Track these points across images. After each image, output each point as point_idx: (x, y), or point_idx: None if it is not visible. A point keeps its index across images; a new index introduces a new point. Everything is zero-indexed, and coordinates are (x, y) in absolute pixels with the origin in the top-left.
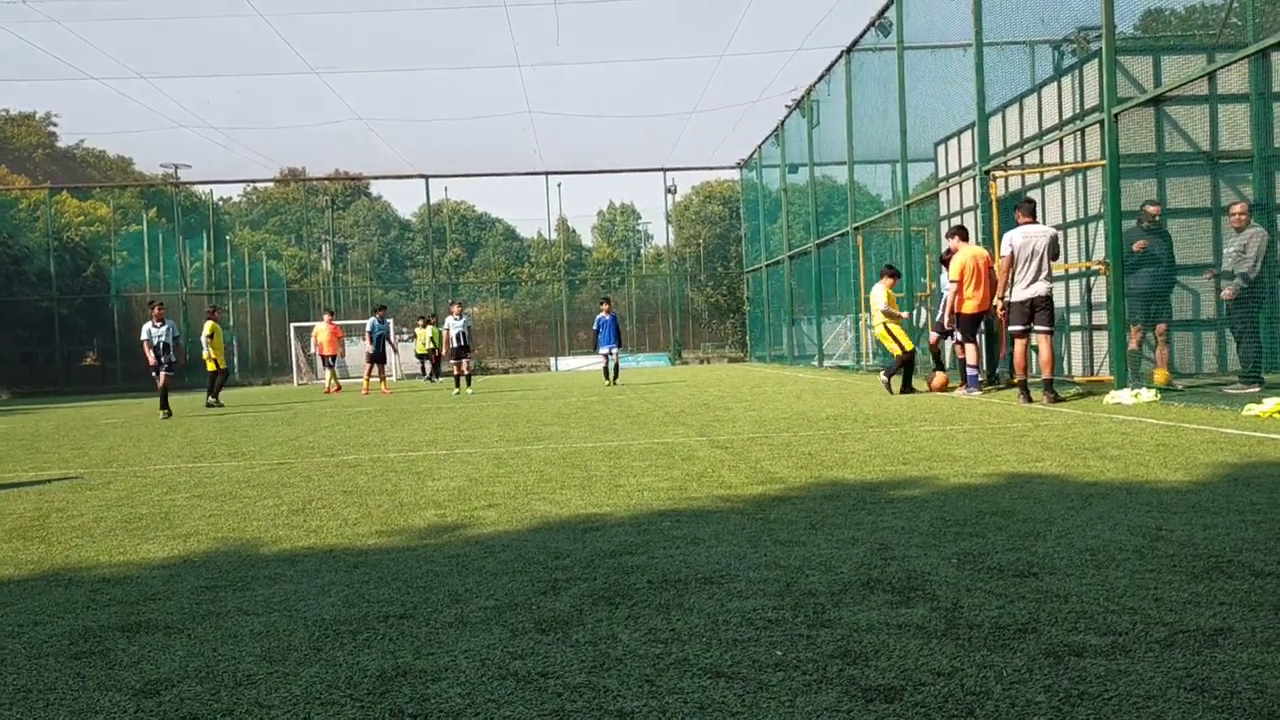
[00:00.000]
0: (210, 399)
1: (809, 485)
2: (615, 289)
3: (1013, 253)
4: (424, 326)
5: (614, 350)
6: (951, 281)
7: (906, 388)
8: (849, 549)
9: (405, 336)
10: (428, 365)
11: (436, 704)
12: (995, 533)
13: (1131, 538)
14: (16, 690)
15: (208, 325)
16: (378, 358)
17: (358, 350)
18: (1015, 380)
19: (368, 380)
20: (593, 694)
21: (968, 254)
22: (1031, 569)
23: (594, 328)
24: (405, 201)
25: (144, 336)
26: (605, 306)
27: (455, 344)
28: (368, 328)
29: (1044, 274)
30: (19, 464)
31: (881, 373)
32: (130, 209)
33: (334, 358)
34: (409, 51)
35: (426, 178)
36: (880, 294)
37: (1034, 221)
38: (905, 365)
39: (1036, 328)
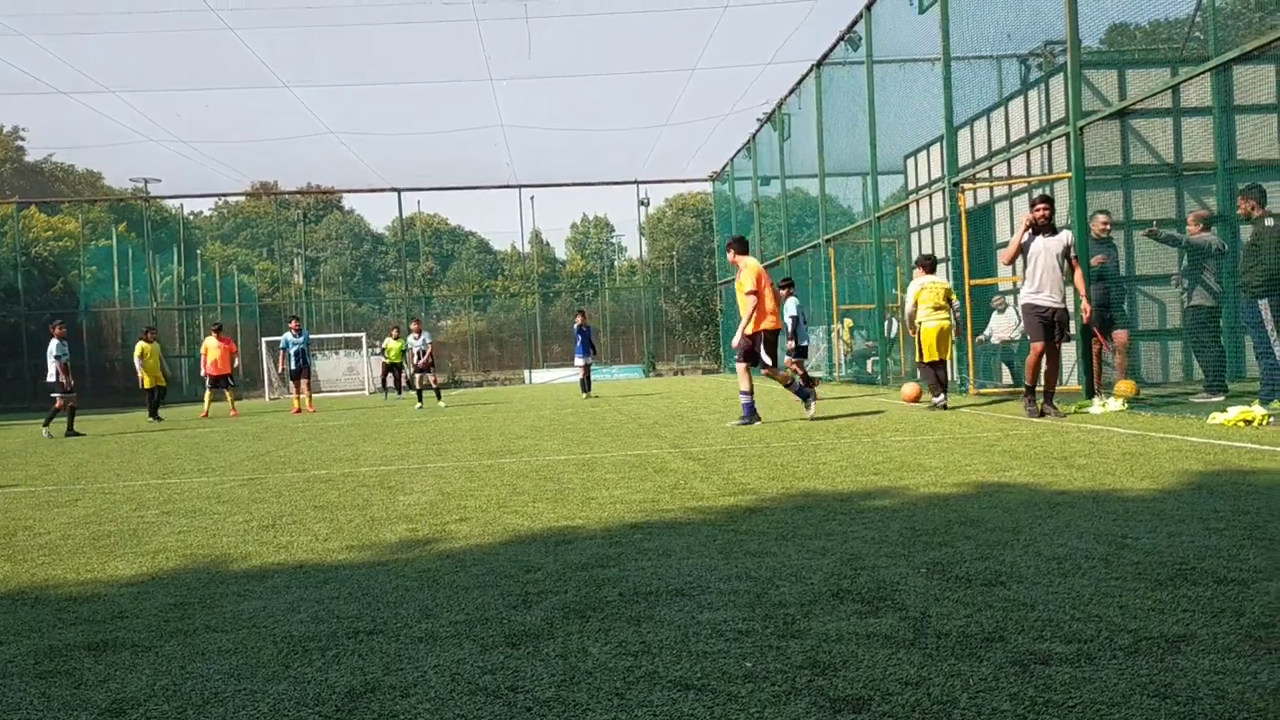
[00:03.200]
0: (150, 416)
1: (780, 496)
2: (589, 301)
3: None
4: (395, 339)
5: (587, 361)
6: (749, 294)
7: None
8: (819, 559)
9: (376, 350)
10: (390, 379)
11: None
12: (964, 542)
13: (1098, 546)
14: None
15: (138, 347)
16: (299, 374)
17: (331, 365)
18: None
19: (298, 398)
20: (562, 708)
21: (754, 266)
22: (999, 578)
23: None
24: (378, 215)
25: (55, 353)
26: (580, 317)
27: (416, 360)
28: (281, 343)
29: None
30: None
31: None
32: (99, 224)
33: (228, 377)
34: (381, 65)
35: (399, 191)
36: (910, 295)
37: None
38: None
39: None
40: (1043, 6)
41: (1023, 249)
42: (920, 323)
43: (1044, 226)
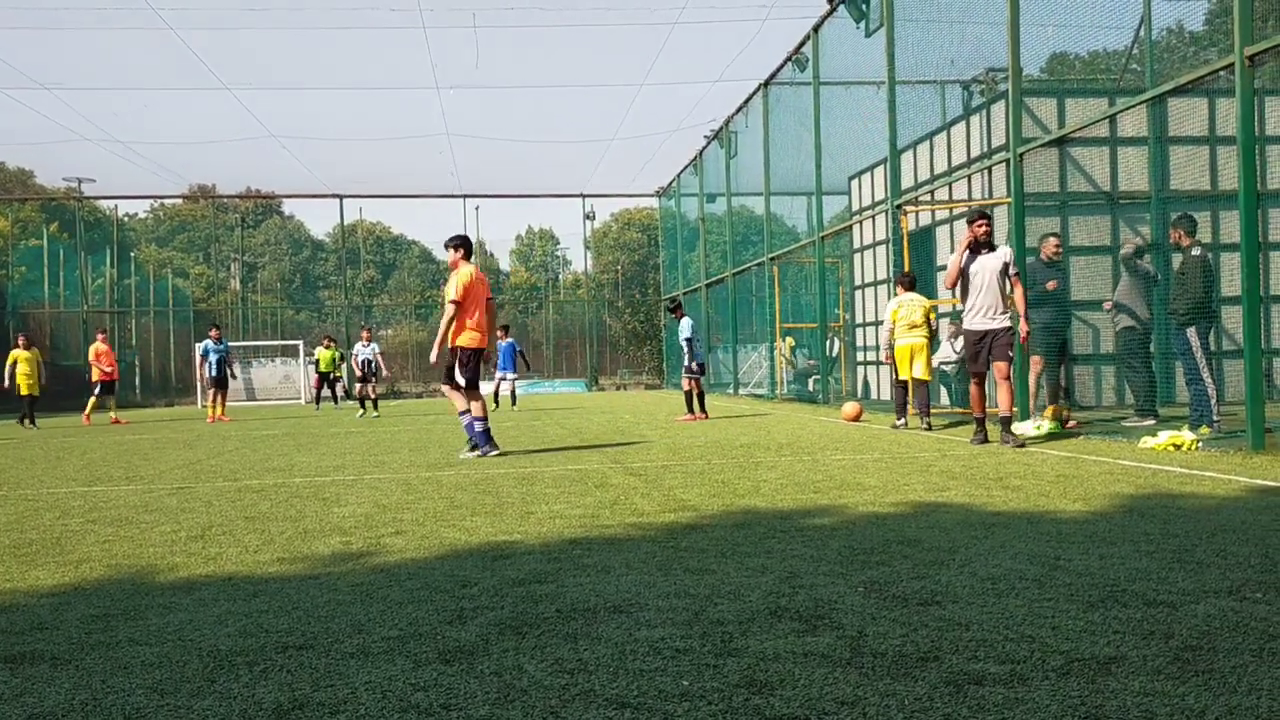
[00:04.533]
0: (19, 422)
1: (721, 513)
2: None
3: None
4: (326, 347)
5: (510, 376)
6: (452, 302)
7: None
8: (758, 577)
9: (311, 359)
10: (325, 389)
11: None
12: (901, 561)
13: (1031, 566)
14: None
15: (11, 355)
16: (220, 382)
17: (267, 373)
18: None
19: (213, 408)
20: None
21: (468, 274)
22: (935, 597)
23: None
24: (319, 221)
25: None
26: (503, 333)
27: (361, 370)
28: (200, 351)
29: (995, 307)
30: None
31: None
32: (30, 223)
33: (112, 383)
34: (325, 69)
35: (341, 197)
36: (887, 314)
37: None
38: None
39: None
40: (985, 34)
41: (963, 271)
42: (894, 342)
43: (984, 243)
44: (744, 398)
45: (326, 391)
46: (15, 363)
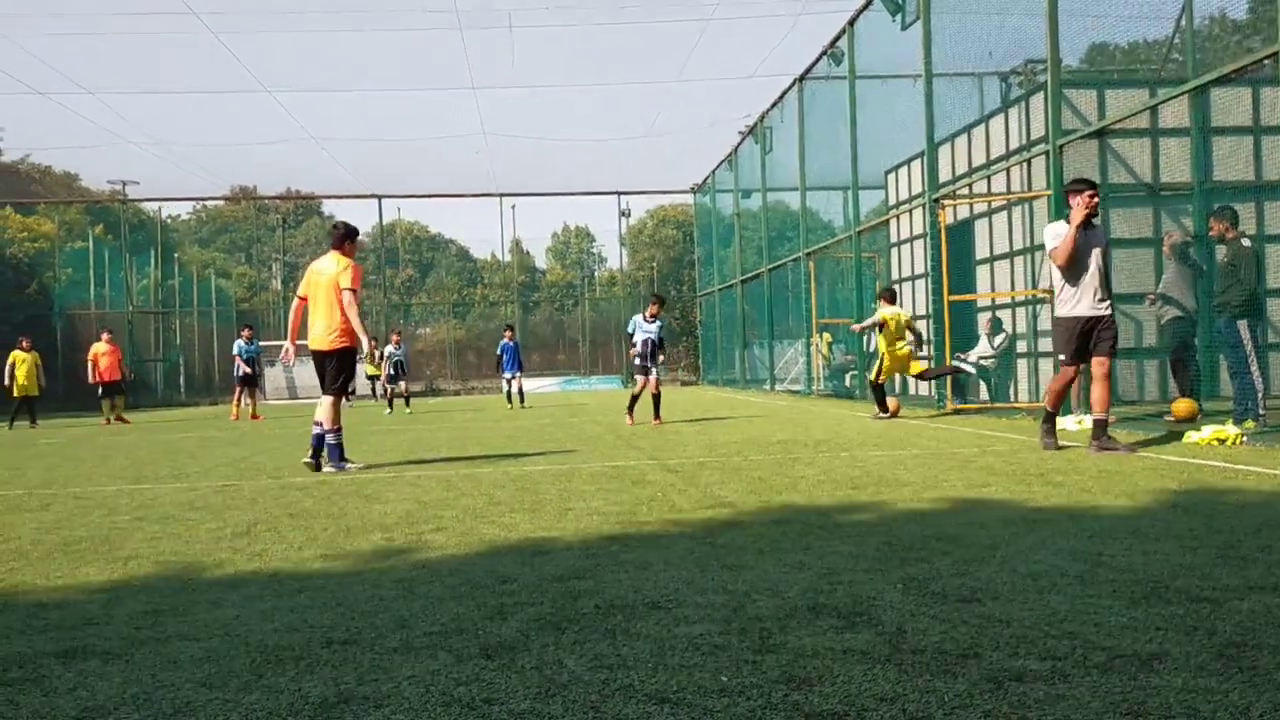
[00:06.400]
0: (8, 425)
1: (758, 510)
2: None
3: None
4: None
5: (516, 375)
6: (343, 287)
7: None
8: (797, 574)
9: (359, 357)
10: (378, 386)
11: None
12: (941, 558)
13: (1073, 563)
14: None
15: (11, 356)
16: (250, 380)
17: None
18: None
19: (237, 406)
20: None
21: (331, 265)
22: (975, 594)
23: (498, 353)
24: (358, 221)
25: None
26: (509, 333)
27: (391, 371)
28: (234, 350)
29: (1096, 292)
30: None
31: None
32: (76, 225)
33: (119, 383)
34: (363, 71)
35: (379, 198)
36: (877, 316)
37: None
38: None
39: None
40: (1024, 25)
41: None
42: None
43: (1091, 218)
44: (780, 394)
45: (379, 389)
46: (14, 364)
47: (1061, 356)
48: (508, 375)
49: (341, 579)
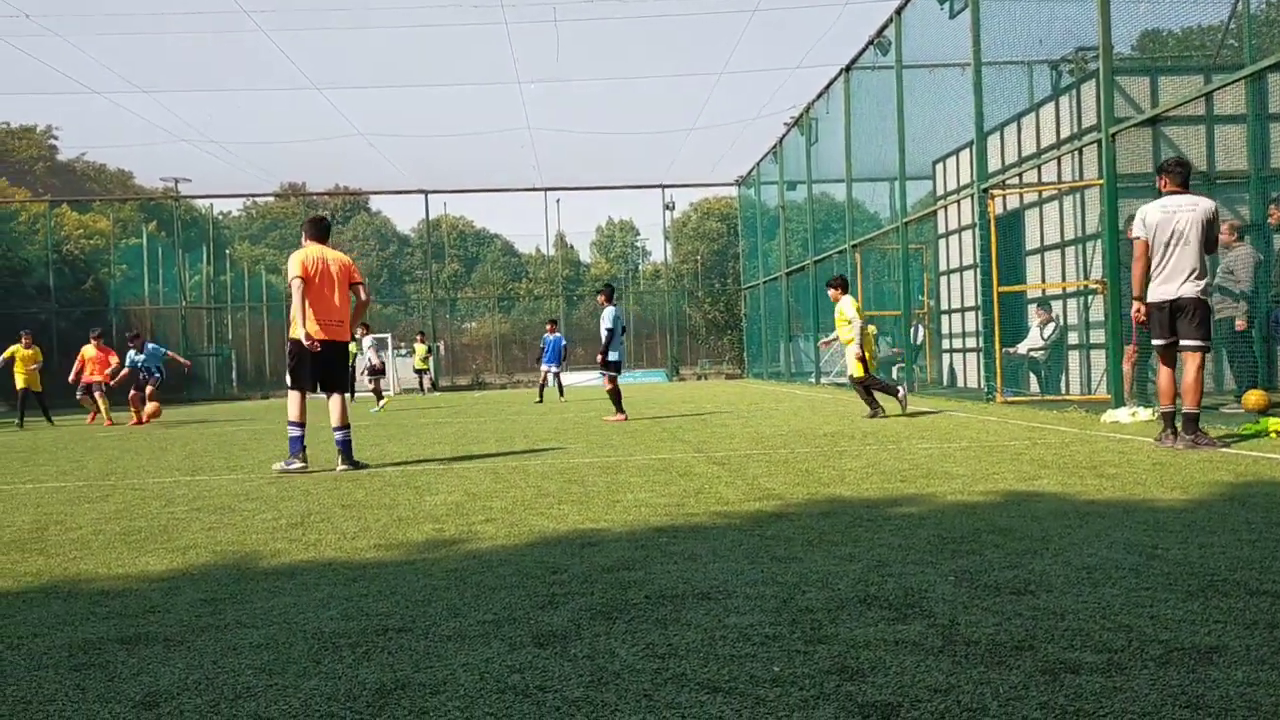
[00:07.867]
0: (18, 424)
1: (806, 502)
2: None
3: (1147, 238)
4: (421, 342)
5: (554, 369)
6: (295, 277)
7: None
8: (846, 565)
9: (403, 351)
10: (425, 380)
11: (435, 717)
12: (992, 550)
13: (1128, 556)
14: (16, 702)
15: (9, 349)
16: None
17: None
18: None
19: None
20: (591, 708)
21: (314, 251)
22: (1028, 586)
23: (540, 345)
24: (404, 216)
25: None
26: (551, 327)
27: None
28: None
29: (1192, 271)
30: (17, 476)
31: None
32: (130, 222)
33: (103, 384)
34: (410, 67)
35: (426, 193)
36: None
37: (1182, 191)
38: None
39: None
40: (1074, 12)
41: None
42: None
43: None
44: (826, 386)
45: (426, 381)
46: (11, 359)
47: (1155, 341)
48: (545, 368)
49: (395, 568)
